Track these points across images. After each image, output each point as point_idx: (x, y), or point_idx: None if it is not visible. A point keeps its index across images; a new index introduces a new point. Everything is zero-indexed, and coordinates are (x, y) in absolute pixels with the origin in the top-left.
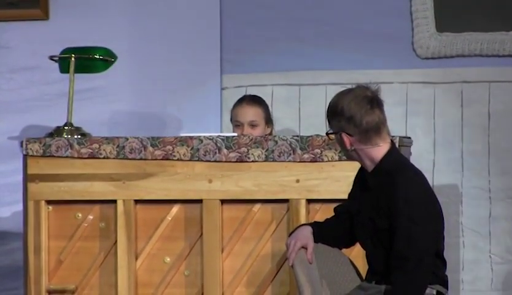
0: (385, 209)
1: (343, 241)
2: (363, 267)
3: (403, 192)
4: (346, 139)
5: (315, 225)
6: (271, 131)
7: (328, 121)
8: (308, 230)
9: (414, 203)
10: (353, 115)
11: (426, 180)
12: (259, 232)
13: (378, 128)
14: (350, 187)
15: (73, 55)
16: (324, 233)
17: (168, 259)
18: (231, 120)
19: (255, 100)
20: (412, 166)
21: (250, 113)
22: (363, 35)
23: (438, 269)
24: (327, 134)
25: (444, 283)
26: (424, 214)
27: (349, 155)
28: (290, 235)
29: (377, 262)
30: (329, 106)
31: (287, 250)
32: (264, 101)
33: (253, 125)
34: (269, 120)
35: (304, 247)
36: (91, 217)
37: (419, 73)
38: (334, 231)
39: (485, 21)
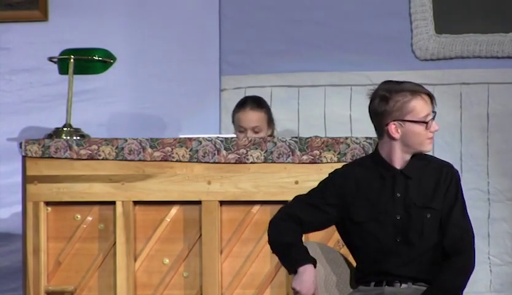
0: (443, 189)
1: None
2: None
3: (452, 169)
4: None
5: (315, 261)
6: (273, 131)
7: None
8: (312, 275)
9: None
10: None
11: None
12: (258, 233)
13: None
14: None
15: (72, 56)
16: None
17: (167, 260)
18: (232, 122)
19: (258, 105)
20: None
21: (254, 119)
22: (362, 37)
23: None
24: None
25: None
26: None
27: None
28: (294, 279)
29: (396, 261)
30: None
31: None
32: (265, 102)
33: (256, 131)
34: (271, 121)
35: None
36: (90, 218)
37: (418, 74)
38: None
39: (484, 22)
